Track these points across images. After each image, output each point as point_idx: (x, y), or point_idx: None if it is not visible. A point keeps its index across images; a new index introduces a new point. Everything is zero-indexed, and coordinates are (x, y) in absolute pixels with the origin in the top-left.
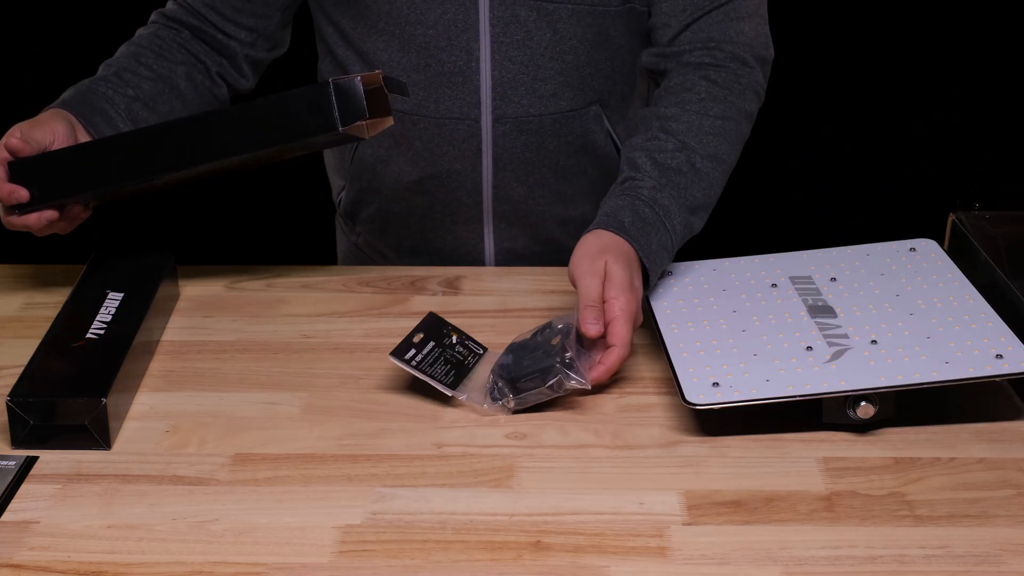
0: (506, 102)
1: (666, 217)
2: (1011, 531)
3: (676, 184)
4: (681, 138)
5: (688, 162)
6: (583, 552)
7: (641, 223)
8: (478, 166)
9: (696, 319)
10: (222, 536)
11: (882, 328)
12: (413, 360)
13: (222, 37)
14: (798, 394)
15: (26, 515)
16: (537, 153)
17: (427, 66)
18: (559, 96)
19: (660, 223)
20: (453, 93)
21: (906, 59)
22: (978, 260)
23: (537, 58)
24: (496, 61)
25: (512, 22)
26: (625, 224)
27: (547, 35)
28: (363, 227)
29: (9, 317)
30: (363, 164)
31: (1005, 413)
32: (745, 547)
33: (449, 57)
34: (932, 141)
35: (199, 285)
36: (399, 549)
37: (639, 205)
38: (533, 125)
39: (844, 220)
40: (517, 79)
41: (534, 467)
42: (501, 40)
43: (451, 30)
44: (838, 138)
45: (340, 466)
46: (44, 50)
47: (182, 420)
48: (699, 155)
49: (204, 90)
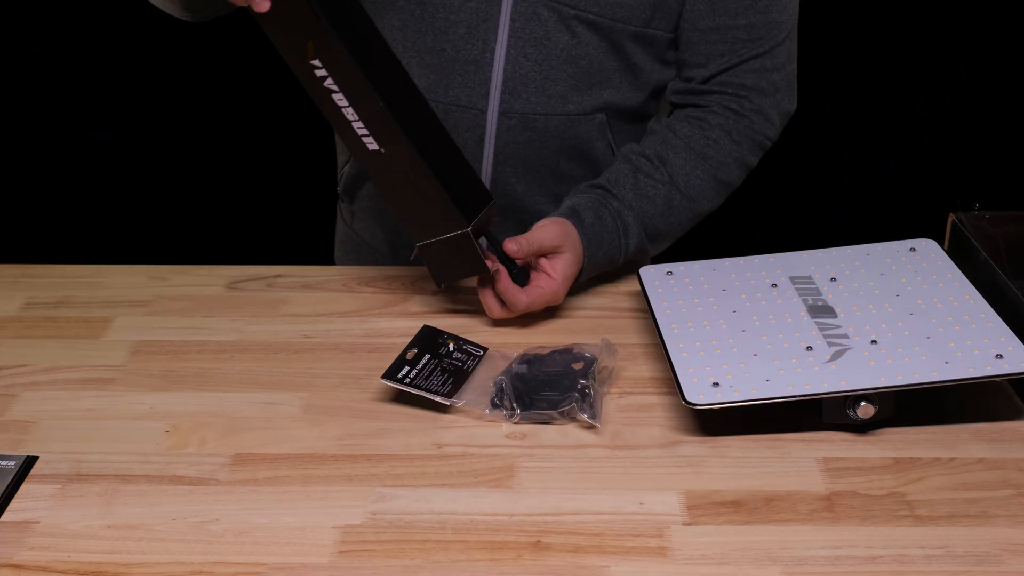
0: (514, 97)
1: (624, 233)
2: (1011, 531)
3: (645, 212)
4: (670, 172)
5: (666, 198)
6: (583, 552)
7: (599, 227)
8: (479, 157)
9: (696, 319)
10: (222, 536)
11: (882, 328)
12: (406, 378)
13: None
14: (798, 394)
15: (26, 515)
16: (538, 152)
17: (442, 50)
18: (567, 99)
19: (616, 236)
20: (464, 81)
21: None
22: (978, 260)
23: (551, 58)
24: (511, 55)
25: (532, 19)
26: (584, 221)
27: (564, 38)
28: (362, 204)
29: (9, 317)
30: None
31: (1005, 413)
32: (745, 547)
33: (466, 44)
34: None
35: (199, 285)
36: (399, 549)
37: (604, 212)
38: (538, 124)
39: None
40: (529, 76)
41: (534, 467)
42: (519, 35)
43: (472, 18)
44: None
45: (340, 466)
46: (44, 50)
47: (182, 420)
48: (680, 194)
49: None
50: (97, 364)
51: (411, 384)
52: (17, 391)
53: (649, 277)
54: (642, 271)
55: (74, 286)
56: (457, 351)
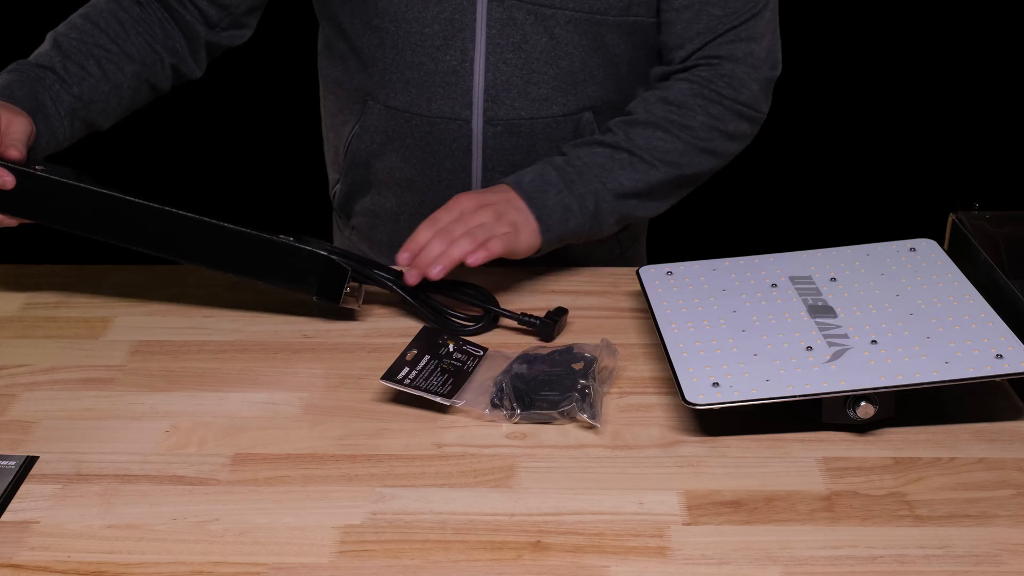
0: (498, 104)
1: (573, 182)
2: (1011, 531)
3: (599, 164)
4: (630, 134)
5: (627, 149)
6: (583, 552)
7: (541, 182)
8: (468, 167)
9: (696, 319)
10: (222, 536)
11: (882, 328)
12: (406, 379)
13: (191, 17)
14: (798, 394)
15: (26, 515)
16: (527, 157)
17: (421, 64)
18: (552, 101)
19: (563, 185)
20: (446, 92)
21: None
22: (978, 260)
23: (532, 62)
24: (490, 63)
25: (509, 24)
26: (523, 183)
27: (543, 39)
28: (356, 221)
29: (9, 317)
30: (357, 158)
31: (1005, 413)
32: (745, 547)
33: (443, 56)
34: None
35: (199, 285)
36: (399, 549)
37: (547, 169)
38: (524, 128)
39: (844, 221)
40: (510, 81)
41: (534, 467)
42: (496, 42)
43: (447, 29)
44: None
45: (340, 466)
46: None
47: (182, 420)
48: (640, 149)
49: (144, 93)
50: (97, 364)
51: (411, 385)
52: (17, 391)
53: (649, 277)
54: (642, 271)
55: (74, 286)
56: (457, 351)
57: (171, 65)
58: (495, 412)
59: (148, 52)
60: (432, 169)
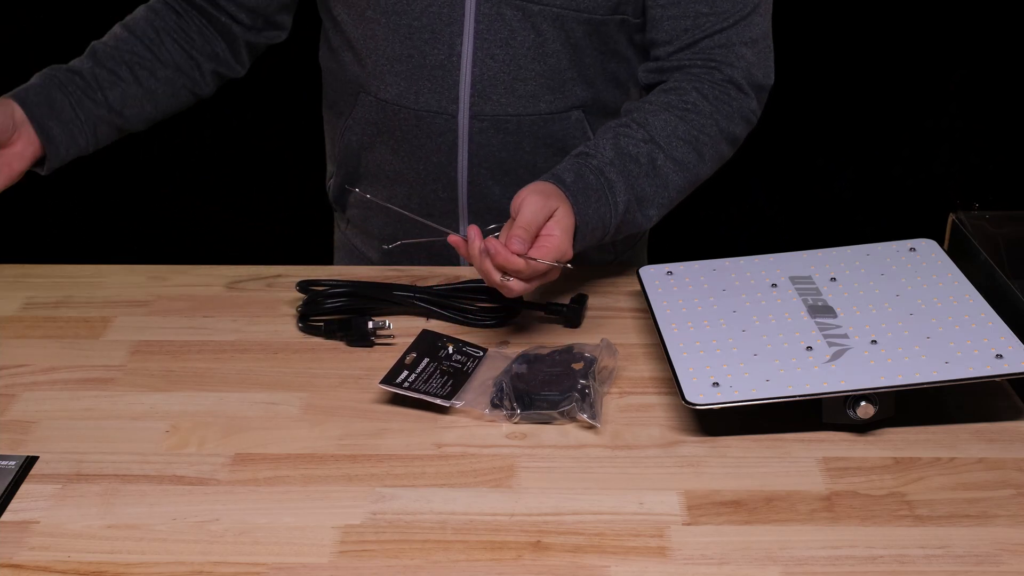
0: (484, 99)
1: (610, 190)
2: (1011, 531)
3: (629, 170)
4: (651, 132)
5: (649, 156)
6: (583, 552)
7: (583, 185)
8: (453, 161)
9: (696, 319)
10: (222, 536)
11: (882, 328)
12: (405, 382)
13: (225, 19)
14: (798, 394)
15: (26, 515)
16: (514, 153)
17: (410, 57)
18: (539, 98)
19: (603, 193)
20: (433, 86)
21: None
22: (978, 260)
23: (519, 58)
24: (477, 58)
25: (497, 20)
26: (566, 182)
27: (530, 36)
28: (350, 213)
29: (9, 317)
30: (349, 150)
31: (1005, 413)
32: (745, 547)
33: (432, 49)
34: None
35: (199, 285)
36: (399, 549)
37: (585, 171)
38: (511, 125)
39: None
40: (497, 77)
41: (534, 467)
42: (484, 37)
43: (436, 22)
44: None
45: (340, 466)
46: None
47: (182, 420)
48: (663, 154)
49: (184, 98)
50: (97, 364)
51: (410, 388)
52: (17, 391)
53: (649, 277)
54: (642, 271)
55: (74, 286)
56: (457, 353)
57: (212, 71)
58: (495, 412)
59: (184, 58)
60: (419, 163)
